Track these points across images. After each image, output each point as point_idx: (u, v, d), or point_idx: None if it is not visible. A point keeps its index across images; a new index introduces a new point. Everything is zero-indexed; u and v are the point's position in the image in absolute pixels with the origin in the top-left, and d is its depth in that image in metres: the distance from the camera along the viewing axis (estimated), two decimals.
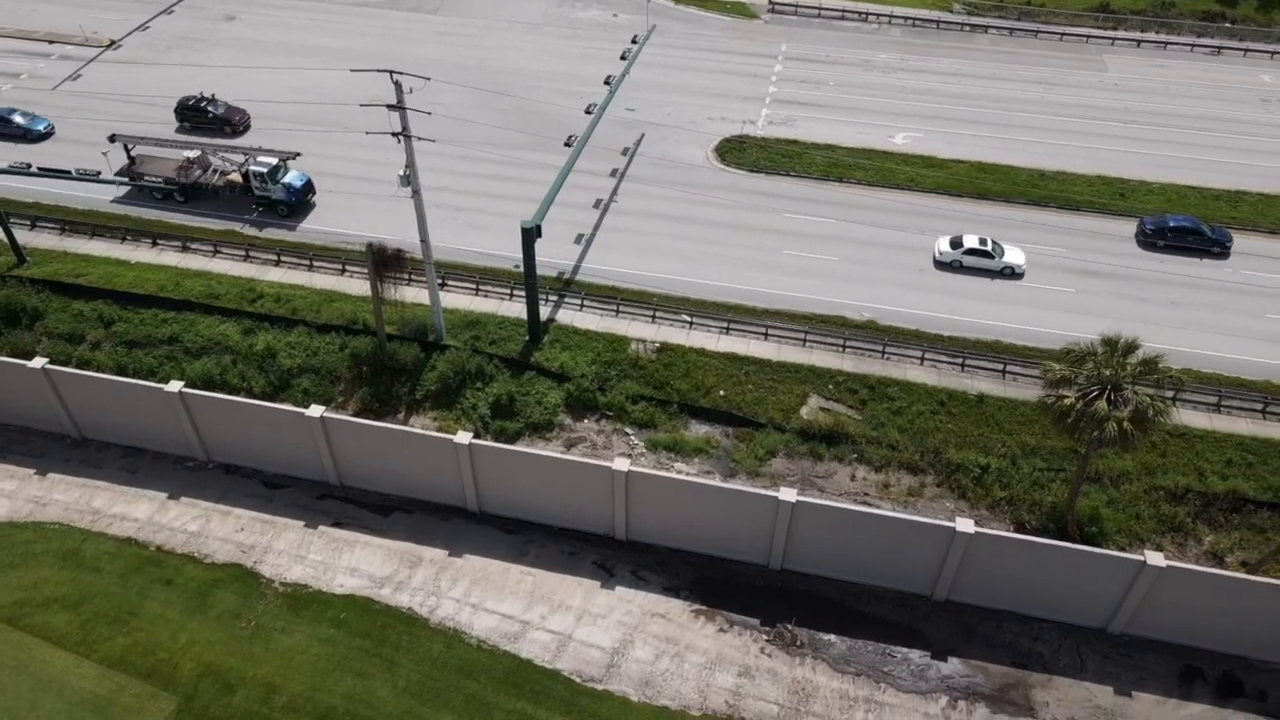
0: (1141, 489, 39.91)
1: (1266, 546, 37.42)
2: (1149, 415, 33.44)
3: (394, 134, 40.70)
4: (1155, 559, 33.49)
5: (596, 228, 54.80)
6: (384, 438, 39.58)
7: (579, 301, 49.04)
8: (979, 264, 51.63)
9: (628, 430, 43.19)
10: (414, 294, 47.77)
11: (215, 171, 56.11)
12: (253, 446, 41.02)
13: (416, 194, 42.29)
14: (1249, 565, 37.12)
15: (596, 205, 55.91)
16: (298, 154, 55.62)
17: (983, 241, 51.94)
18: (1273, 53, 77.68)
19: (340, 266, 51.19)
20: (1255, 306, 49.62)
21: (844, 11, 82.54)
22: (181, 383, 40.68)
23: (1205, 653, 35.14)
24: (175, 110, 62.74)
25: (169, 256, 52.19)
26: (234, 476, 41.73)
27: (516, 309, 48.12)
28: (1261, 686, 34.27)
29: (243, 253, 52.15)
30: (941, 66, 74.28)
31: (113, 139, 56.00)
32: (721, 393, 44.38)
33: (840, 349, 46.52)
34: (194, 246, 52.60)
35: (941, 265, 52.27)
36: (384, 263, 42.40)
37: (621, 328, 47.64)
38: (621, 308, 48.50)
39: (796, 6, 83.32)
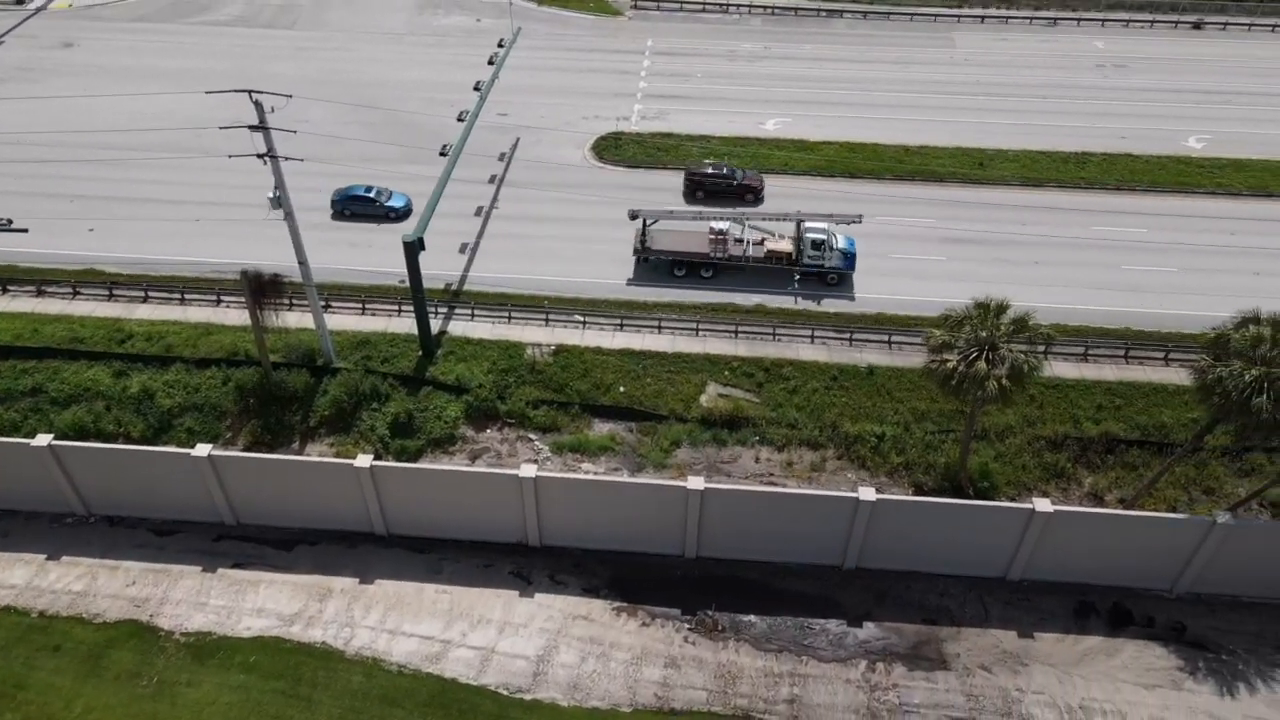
0: (1024, 440, 42.10)
1: (1139, 482, 40.03)
2: (1024, 371, 35.22)
3: (259, 155, 39.24)
4: (1043, 505, 35.39)
5: (480, 235, 54.21)
6: (280, 470, 38.21)
7: (469, 311, 48.41)
8: None
9: (531, 436, 42.92)
10: (297, 319, 46.21)
11: (749, 242, 50.78)
12: (137, 494, 38.90)
13: (289, 216, 40.89)
14: (1126, 501, 39.66)
15: (478, 213, 55.30)
16: (859, 217, 49.79)
17: None
18: (1103, 20, 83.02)
19: (214, 297, 49.06)
20: (1110, 259, 52.92)
21: (705, 4, 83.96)
22: (50, 435, 38.27)
23: (1096, 588, 37.37)
24: (685, 179, 57.54)
25: (22, 303, 48.90)
26: (119, 528, 39.51)
27: (406, 325, 47.13)
28: (1148, 613, 36.70)
29: (105, 292, 49.35)
30: (803, 53, 76.45)
31: (633, 215, 50.51)
32: (621, 389, 44.58)
33: (733, 335, 47.37)
34: (50, 290, 49.45)
35: None
36: (261, 289, 40.86)
37: (515, 334, 47.28)
38: (513, 314, 48.13)
39: (659, 2, 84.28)
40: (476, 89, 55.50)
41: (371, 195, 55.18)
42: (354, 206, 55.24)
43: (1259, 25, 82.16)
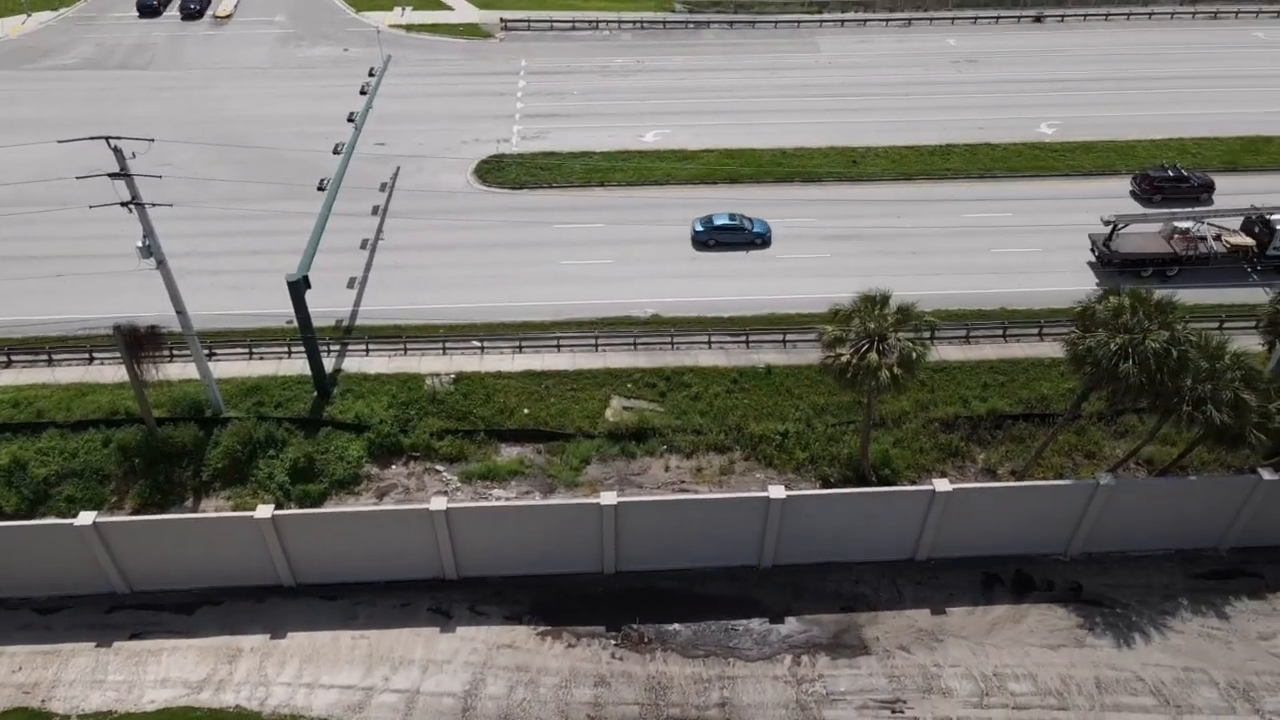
0: (919, 424, 43.76)
1: (1027, 453, 42.13)
2: (913, 358, 36.56)
3: (123, 204, 37.46)
4: (942, 485, 36.83)
5: (368, 268, 53.08)
6: (174, 530, 36.39)
7: (364, 347, 47.29)
8: None
9: (438, 467, 42.20)
10: (180, 370, 44.23)
11: (1209, 238, 51.81)
12: (16, 573, 36.30)
13: (162, 264, 39.16)
14: (1017, 472, 41.66)
15: (364, 246, 54.19)
16: None
17: None
18: (953, 19, 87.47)
19: (87, 355, 46.47)
20: (980, 244, 55.62)
21: (574, 22, 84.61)
22: None
23: (998, 559, 39.06)
24: (1141, 184, 59.60)
25: None
26: None
27: (298, 366, 45.68)
28: (1048, 577, 38.60)
29: None
30: (675, 64, 77.89)
31: (1107, 222, 51.56)
32: (525, 411, 44.31)
33: (632, 347, 47.69)
34: None
35: None
36: (138, 343, 38.95)
37: (413, 365, 46.43)
38: (409, 345, 47.26)
39: (529, 22, 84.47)
40: (351, 120, 54.42)
41: (738, 223, 55.27)
42: (721, 236, 55.13)
43: (1093, 15, 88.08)
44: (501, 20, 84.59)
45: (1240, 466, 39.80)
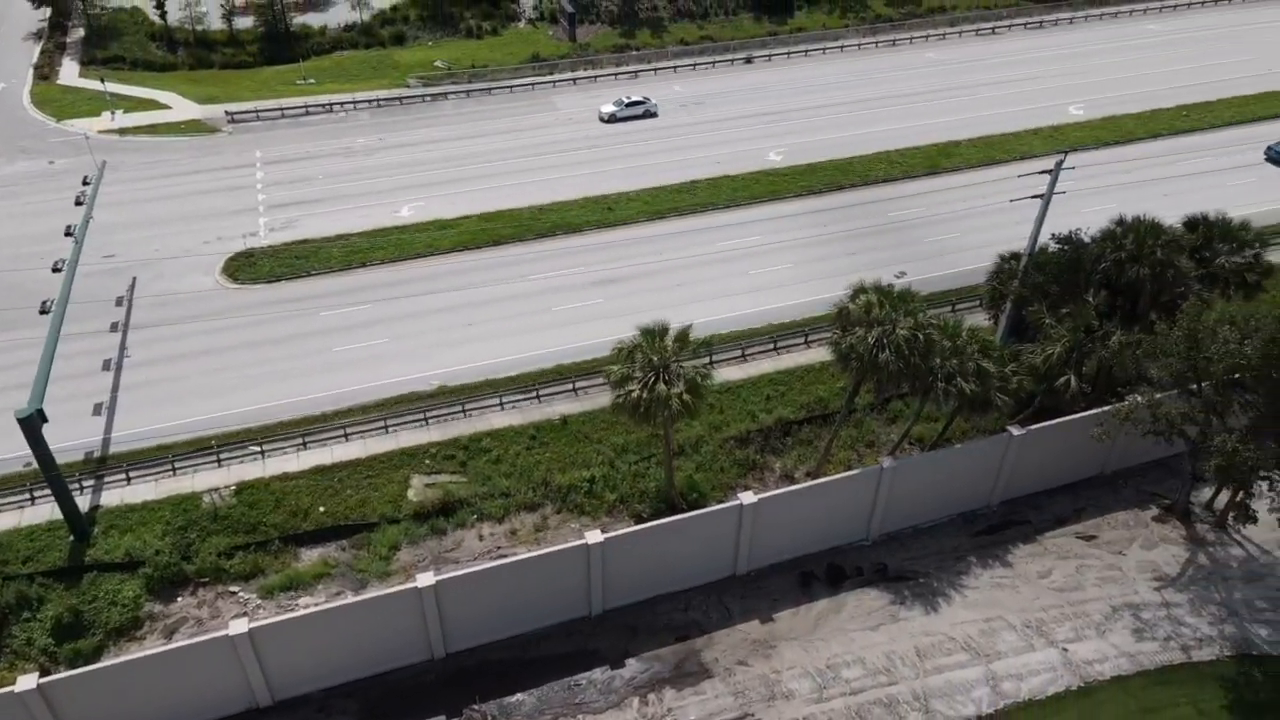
0: (716, 445, 45.49)
1: (817, 454, 44.86)
2: (698, 382, 38.13)
3: None
4: (747, 498, 38.37)
5: (116, 390, 48.31)
6: None
7: (123, 475, 42.83)
8: None
9: (233, 589, 38.81)
10: None
11: None
12: None
13: None
14: (811, 473, 44.21)
15: (107, 366, 49.38)
16: None
17: None
18: (675, 66, 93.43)
19: None
20: (738, 268, 59.03)
21: (307, 107, 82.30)
22: None
23: (810, 557, 41.11)
24: None
25: None
26: None
27: (45, 512, 40.63)
28: (857, 564, 41.08)
29: None
30: (418, 138, 77.58)
31: None
32: (321, 509, 41.82)
33: (423, 422, 46.37)
34: None
35: None
36: None
37: (185, 485, 42.60)
38: (177, 464, 43.35)
39: (257, 112, 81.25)
40: (70, 234, 49.73)
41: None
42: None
43: (794, 53, 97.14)
44: (227, 113, 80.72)
45: (993, 429, 44.42)
